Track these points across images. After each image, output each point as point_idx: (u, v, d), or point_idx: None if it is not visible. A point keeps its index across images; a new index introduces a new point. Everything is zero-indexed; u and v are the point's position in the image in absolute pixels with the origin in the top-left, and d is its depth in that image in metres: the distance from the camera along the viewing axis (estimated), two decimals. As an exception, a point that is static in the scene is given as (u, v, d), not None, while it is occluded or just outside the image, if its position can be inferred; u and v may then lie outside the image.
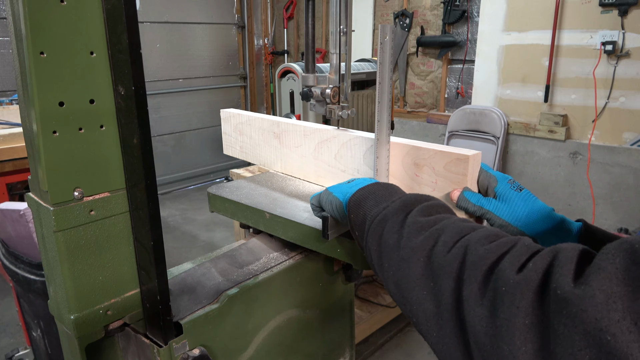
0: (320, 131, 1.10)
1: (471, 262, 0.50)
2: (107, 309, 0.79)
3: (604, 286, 0.38)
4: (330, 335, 1.24)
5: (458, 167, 0.85)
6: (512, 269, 0.46)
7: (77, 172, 0.72)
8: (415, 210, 0.64)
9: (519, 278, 0.45)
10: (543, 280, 0.44)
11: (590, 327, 0.38)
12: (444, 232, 0.57)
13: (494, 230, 0.55)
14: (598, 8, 3.11)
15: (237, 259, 1.08)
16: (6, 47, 4.08)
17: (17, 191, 2.51)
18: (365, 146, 1.01)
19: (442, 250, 0.54)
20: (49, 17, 0.64)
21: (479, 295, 0.47)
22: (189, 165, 5.59)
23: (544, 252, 0.47)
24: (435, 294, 0.52)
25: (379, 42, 0.82)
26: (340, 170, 1.08)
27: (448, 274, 0.51)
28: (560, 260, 0.44)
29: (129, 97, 0.71)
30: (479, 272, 0.49)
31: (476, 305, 0.47)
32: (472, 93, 3.94)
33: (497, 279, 0.47)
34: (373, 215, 0.68)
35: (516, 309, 0.43)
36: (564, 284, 0.41)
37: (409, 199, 0.68)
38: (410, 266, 0.57)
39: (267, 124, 1.23)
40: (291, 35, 5.67)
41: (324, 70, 2.45)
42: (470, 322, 0.47)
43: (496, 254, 0.49)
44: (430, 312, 0.53)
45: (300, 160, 1.18)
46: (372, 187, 0.75)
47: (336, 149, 1.08)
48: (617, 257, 0.40)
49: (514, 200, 0.79)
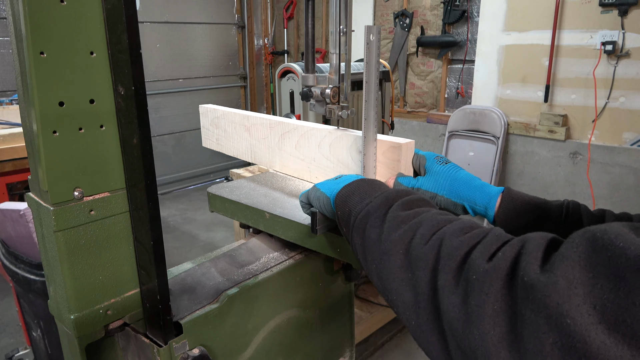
0: (282, 124, 1.18)
1: (446, 253, 0.53)
2: (107, 309, 0.79)
3: (566, 273, 0.40)
4: (330, 335, 1.24)
5: (393, 154, 0.95)
6: (483, 258, 0.48)
7: (77, 172, 0.72)
8: (396, 205, 0.66)
9: (488, 266, 0.47)
10: (511, 268, 0.46)
11: (552, 312, 0.40)
12: (422, 225, 0.59)
13: (468, 222, 0.58)
14: (598, 8, 3.11)
15: (237, 259, 1.08)
16: (6, 47, 4.08)
17: (17, 191, 2.51)
18: (320, 137, 1.10)
19: (419, 242, 0.57)
20: (49, 17, 0.64)
21: (453, 284, 0.50)
22: (189, 165, 5.58)
23: (513, 242, 0.49)
24: (413, 285, 0.55)
25: (364, 42, 0.86)
26: (299, 159, 1.17)
27: (424, 265, 0.54)
28: (527, 248, 0.46)
29: (129, 97, 0.71)
30: (452, 262, 0.51)
31: (450, 294, 0.49)
32: (472, 93, 3.94)
33: (469, 268, 0.49)
34: (357, 211, 0.71)
35: (485, 296, 0.45)
36: (530, 271, 0.43)
37: (390, 194, 0.70)
38: (390, 259, 0.59)
39: (238, 117, 1.30)
40: (291, 35, 5.67)
41: (324, 70, 2.45)
42: (445, 309, 0.49)
43: (469, 245, 0.52)
44: (408, 302, 0.55)
45: (267, 151, 1.25)
46: (357, 184, 0.78)
47: (296, 139, 1.16)
48: (580, 246, 0.41)
49: (439, 173, 0.90)
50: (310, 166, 1.15)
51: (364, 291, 2.74)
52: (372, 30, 0.84)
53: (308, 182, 1.19)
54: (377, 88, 0.89)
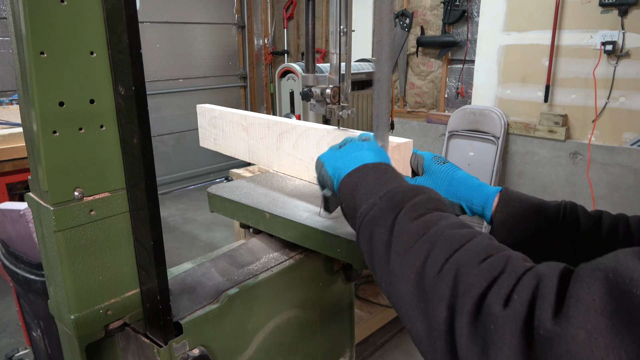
0: (281, 123, 1.18)
1: (462, 291, 0.49)
2: (107, 309, 0.79)
3: (584, 323, 0.38)
4: (330, 335, 1.24)
5: (392, 153, 0.92)
6: (499, 303, 0.45)
7: (77, 172, 0.72)
8: (404, 212, 0.61)
9: (505, 314, 0.44)
10: (528, 315, 0.43)
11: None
12: (434, 248, 0.55)
13: (482, 242, 0.54)
14: (598, 8, 3.11)
15: (237, 259, 1.08)
16: (6, 47, 4.08)
17: (17, 191, 2.50)
18: (318, 137, 1.10)
19: (432, 270, 0.53)
20: (49, 17, 0.64)
21: (471, 331, 0.47)
22: (189, 165, 5.58)
23: (527, 279, 0.46)
24: (426, 316, 0.52)
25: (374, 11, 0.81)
26: (298, 158, 1.18)
27: (439, 299, 0.51)
28: (541, 291, 0.44)
29: (129, 97, 0.71)
30: (469, 303, 0.48)
31: (469, 342, 0.47)
32: (472, 93, 3.94)
33: (485, 314, 0.46)
34: (363, 213, 0.66)
35: (507, 350, 0.43)
36: (546, 322, 0.41)
37: (396, 195, 0.65)
38: (400, 282, 0.56)
39: (236, 117, 1.30)
40: (291, 35, 5.67)
41: (324, 70, 2.45)
42: (463, 356, 0.47)
43: (485, 281, 0.48)
44: (422, 332, 0.52)
45: (265, 151, 1.26)
46: (362, 172, 0.72)
47: (294, 139, 1.16)
48: (592, 286, 0.40)
49: (437, 173, 0.90)
50: (309, 166, 1.15)
51: (364, 291, 2.74)
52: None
53: (307, 182, 1.19)
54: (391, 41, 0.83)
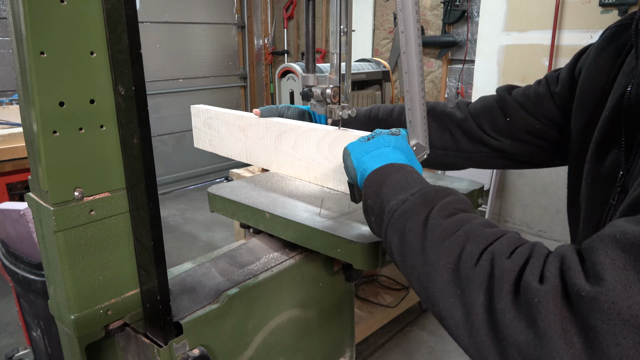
0: (280, 124, 1.18)
1: (499, 275, 0.53)
2: (107, 309, 0.79)
3: (618, 277, 0.44)
4: (330, 335, 1.24)
5: None
6: (535, 279, 0.50)
7: (77, 172, 0.72)
8: (436, 209, 0.65)
9: (546, 288, 0.49)
10: (563, 285, 0.48)
11: (626, 315, 0.43)
12: (469, 241, 0.58)
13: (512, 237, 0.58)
14: (598, 8, 3.11)
15: (237, 259, 1.08)
16: (6, 47, 4.08)
17: (17, 191, 2.50)
18: (318, 137, 1.09)
19: (469, 261, 0.57)
20: (49, 17, 0.64)
21: (514, 308, 0.51)
22: (189, 165, 5.58)
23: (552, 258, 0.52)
24: (463, 303, 0.55)
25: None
26: (297, 159, 1.17)
27: (477, 286, 0.54)
28: (568, 264, 0.49)
29: (129, 97, 0.71)
30: (507, 285, 0.52)
31: (514, 318, 0.50)
32: (472, 93, 3.94)
33: (525, 291, 0.50)
34: (392, 208, 0.68)
35: (553, 316, 0.47)
36: (584, 285, 0.46)
37: (428, 193, 0.68)
38: (436, 271, 0.59)
39: (232, 118, 1.30)
40: (291, 35, 5.67)
41: (324, 70, 2.45)
42: (509, 333, 0.50)
43: (518, 265, 0.53)
44: (459, 319, 0.56)
45: (263, 151, 1.25)
46: (387, 170, 0.74)
47: (293, 140, 1.16)
48: (606, 251, 0.46)
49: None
50: (309, 166, 1.15)
51: (364, 291, 2.74)
52: None
53: (307, 182, 1.19)
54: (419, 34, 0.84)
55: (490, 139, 1.03)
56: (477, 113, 1.05)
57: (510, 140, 1.01)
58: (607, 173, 0.74)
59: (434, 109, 1.10)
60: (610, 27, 0.84)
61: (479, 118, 1.04)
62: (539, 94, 0.98)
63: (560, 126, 0.95)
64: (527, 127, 0.98)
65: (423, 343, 2.67)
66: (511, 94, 1.02)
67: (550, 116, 0.96)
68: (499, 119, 1.01)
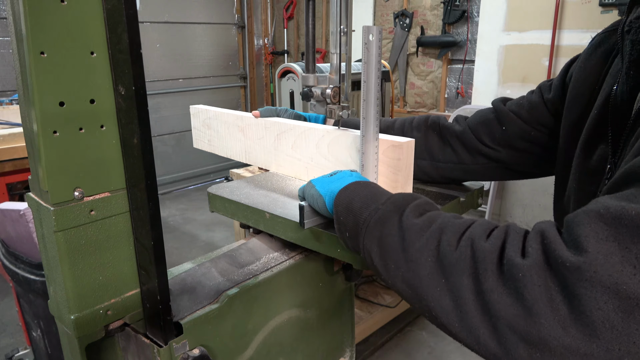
0: (279, 124, 1.18)
1: (481, 258, 0.57)
2: (107, 309, 0.79)
3: (599, 249, 0.48)
4: (330, 335, 1.24)
5: (394, 152, 0.96)
6: (517, 255, 0.54)
7: (77, 172, 0.72)
8: (408, 212, 0.69)
9: (528, 262, 0.52)
10: (545, 258, 0.52)
11: (607, 283, 0.47)
12: (444, 233, 0.62)
13: (484, 222, 0.63)
14: (598, 8, 3.11)
15: (237, 259, 1.08)
16: (6, 47, 4.08)
17: (17, 191, 2.50)
18: (317, 137, 1.10)
19: (448, 249, 0.60)
20: (49, 17, 0.64)
21: (500, 285, 0.54)
22: (189, 165, 5.59)
23: (533, 235, 0.56)
24: (450, 290, 0.58)
25: (362, 42, 0.86)
26: (296, 159, 1.17)
27: (462, 272, 0.58)
28: (549, 238, 0.53)
29: (129, 97, 0.71)
30: (491, 265, 0.55)
31: (502, 295, 0.53)
32: (472, 93, 3.94)
33: (509, 268, 0.54)
34: (365, 219, 0.73)
35: (538, 288, 0.51)
36: (568, 256, 0.50)
37: (397, 200, 0.73)
38: (419, 266, 0.62)
39: (232, 118, 1.30)
40: (291, 35, 5.67)
41: (324, 70, 2.45)
42: (498, 309, 0.53)
43: (497, 245, 0.57)
44: (448, 306, 0.58)
45: (262, 151, 1.25)
46: (353, 188, 0.80)
47: (293, 139, 1.16)
48: (591, 224, 0.50)
49: None
50: (308, 166, 1.15)
51: (364, 291, 2.74)
52: (371, 31, 0.85)
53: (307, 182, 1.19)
54: (378, 88, 0.90)
55: (488, 150, 1.07)
56: (474, 125, 1.09)
57: (507, 150, 1.05)
58: (595, 167, 0.78)
59: (436, 123, 1.14)
60: (599, 34, 0.89)
61: (477, 130, 1.08)
62: (532, 102, 1.02)
63: (553, 132, 0.99)
64: (522, 135, 1.02)
65: (423, 343, 2.67)
66: (506, 105, 1.07)
67: (544, 122, 1.00)
68: (496, 129, 1.05)
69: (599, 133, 0.78)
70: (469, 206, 1.16)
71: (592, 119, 0.80)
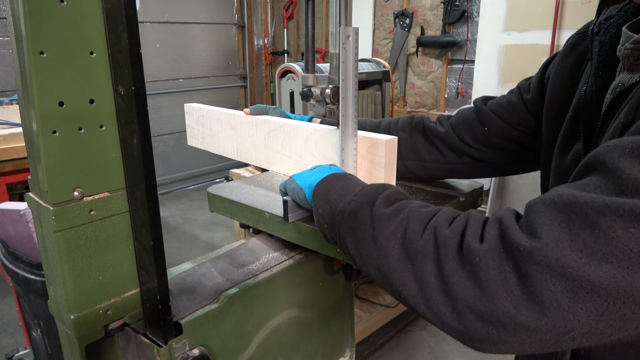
0: (269, 122, 1.19)
1: (442, 244, 0.61)
2: (107, 309, 0.79)
3: (550, 235, 0.52)
4: (330, 335, 1.24)
5: (376, 149, 0.98)
6: (476, 241, 0.58)
7: (77, 172, 0.72)
8: (378, 202, 0.73)
9: (485, 247, 0.56)
10: (502, 243, 0.56)
11: (555, 266, 0.50)
12: (411, 222, 0.66)
13: (447, 211, 0.67)
14: (598, 8, 3.11)
15: (237, 259, 1.08)
16: (6, 47, 4.08)
17: (17, 191, 2.51)
18: (305, 135, 1.11)
19: (414, 237, 0.64)
20: (49, 17, 0.64)
21: (459, 269, 0.58)
22: (189, 165, 5.59)
23: (491, 222, 0.59)
24: (415, 275, 0.62)
25: (339, 43, 0.88)
26: (285, 156, 1.18)
27: (425, 258, 0.61)
28: (505, 224, 0.57)
29: (129, 97, 0.71)
30: (451, 251, 0.59)
31: (461, 277, 0.57)
32: (472, 93, 3.94)
33: (468, 253, 0.58)
34: (340, 210, 0.77)
35: (492, 271, 0.55)
36: (522, 241, 0.53)
37: (369, 191, 0.76)
38: (387, 254, 0.66)
39: (224, 116, 1.31)
40: (291, 35, 5.67)
41: (324, 70, 2.45)
42: (458, 291, 0.57)
43: (458, 232, 0.60)
44: (414, 290, 0.62)
45: (253, 149, 1.26)
46: (329, 180, 0.84)
47: (282, 137, 1.17)
48: (545, 211, 0.53)
49: None
50: (297, 163, 1.16)
51: (364, 291, 2.74)
52: (348, 31, 0.86)
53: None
54: (356, 86, 0.91)
55: (471, 150, 1.08)
56: (457, 125, 1.10)
57: (490, 149, 1.07)
58: (569, 166, 0.80)
59: (420, 124, 1.16)
60: (573, 35, 0.91)
61: (460, 130, 1.09)
62: (512, 103, 1.03)
63: (534, 132, 1.00)
64: (504, 135, 1.03)
65: (423, 343, 2.67)
66: (487, 105, 1.08)
67: (524, 123, 1.01)
68: (478, 129, 1.07)
69: (573, 133, 0.80)
70: (469, 206, 1.16)
71: (568, 119, 0.83)
